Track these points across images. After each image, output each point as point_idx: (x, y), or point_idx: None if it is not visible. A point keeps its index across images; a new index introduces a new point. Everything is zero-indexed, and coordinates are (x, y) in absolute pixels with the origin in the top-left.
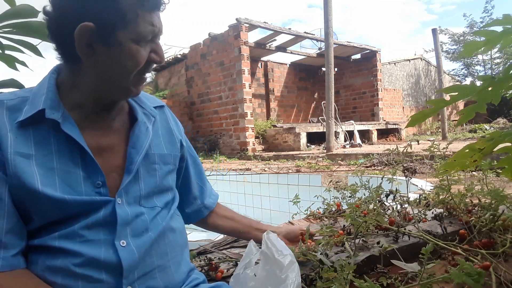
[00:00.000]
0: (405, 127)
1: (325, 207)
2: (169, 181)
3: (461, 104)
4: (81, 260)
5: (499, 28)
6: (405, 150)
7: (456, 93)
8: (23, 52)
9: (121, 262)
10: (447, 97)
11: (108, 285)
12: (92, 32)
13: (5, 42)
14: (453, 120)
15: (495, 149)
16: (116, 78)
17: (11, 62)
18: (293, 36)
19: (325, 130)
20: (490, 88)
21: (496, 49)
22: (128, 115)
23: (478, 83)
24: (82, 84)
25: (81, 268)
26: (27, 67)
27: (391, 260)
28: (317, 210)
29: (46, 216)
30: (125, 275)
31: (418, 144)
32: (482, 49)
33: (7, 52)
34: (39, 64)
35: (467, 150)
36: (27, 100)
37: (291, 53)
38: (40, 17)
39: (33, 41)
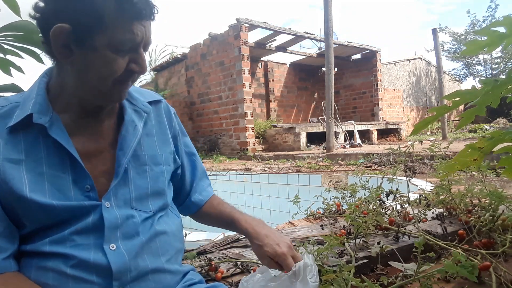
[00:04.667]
0: (409, 136)
1: (325, 207)
2: (164, 183)
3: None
4: (72, 262)
5: (500, 29)
6: (407, 150)
7: (458, 99)
8: (22, 57)
9: (110, 266)
10: (448, 101)
11: (99, 287)
12: (69, 33)
13: (6, 47)
14: (453, 120)
15: (495, 149)
16: (93, 83)
17: (6, 67)
18: (293, 36)
19: (325, 130)
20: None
21: (496, 49)
22: (117, 117)
23: (477, 84)
24: (67, 87)
25: (72, 269)
26: (23, 73)
27: (388, 262)
28: (317, 210)
29: (36, 222)
30: (116, 277)
31: (422, 144)
32: (485, 49)
33: (2, 56)
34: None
35: (469, 150)
36: (18, 105)
37: (291, 53)
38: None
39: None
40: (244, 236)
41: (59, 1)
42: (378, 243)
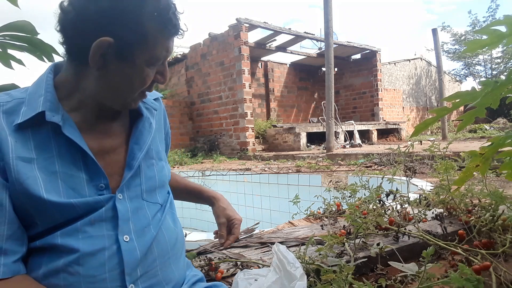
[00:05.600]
0: (409, 137)
1: (325, 207)
2: (166, 176)
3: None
4: (84, 257)
5: (500, 28)
6: (407, 150)
7: (458, 100)
8: (23, 51)
9: (123, 258)
10: (448, 102)
11: (111, 284)
12: (110, 45)
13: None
14: (453, 120)
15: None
16: (121, 92)
17: (7, 60)
18: (293, 36)
19: (325, 130)
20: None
21: (497, 49)
22: (128, 112)
23: (477, 85)
24: (86, 88)
25: (84, 267)
26: (24, 65)
27: (388, 262)
28: (317, 210)
29: (51, 221)
30: (128, 272)
31: (421, 144)
32: (485, 48)
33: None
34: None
35: (471, 157)
36: (23, 101)
37: (291, 53)
38: (40, 36)
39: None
40: (244, 236)
41: (107, 14)
42: (378, 244)
